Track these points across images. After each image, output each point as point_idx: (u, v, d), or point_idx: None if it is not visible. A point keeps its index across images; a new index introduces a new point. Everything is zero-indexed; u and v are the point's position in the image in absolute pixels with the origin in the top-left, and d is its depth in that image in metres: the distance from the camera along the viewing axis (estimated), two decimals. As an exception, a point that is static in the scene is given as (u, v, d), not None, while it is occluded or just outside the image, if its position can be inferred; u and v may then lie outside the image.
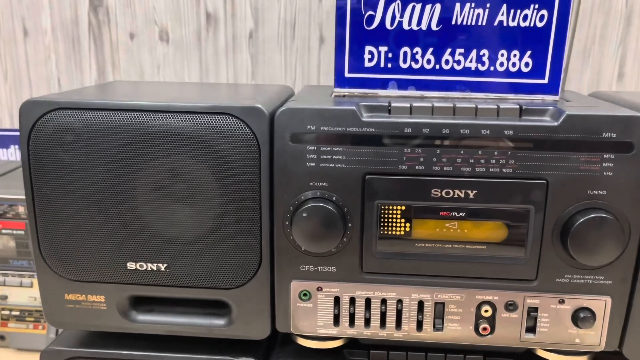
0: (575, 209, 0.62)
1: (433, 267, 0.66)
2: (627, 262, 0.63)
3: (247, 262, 0.67)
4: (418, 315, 0.67)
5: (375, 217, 0.64)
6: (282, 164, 0.64)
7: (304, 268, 0.67)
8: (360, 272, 0.67)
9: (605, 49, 1.03)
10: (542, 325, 0.66)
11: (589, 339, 0.66)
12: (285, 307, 0.69)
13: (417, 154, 0.62)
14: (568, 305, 0.65)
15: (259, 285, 0.68)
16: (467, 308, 0.67)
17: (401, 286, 0.67)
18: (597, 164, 0.61)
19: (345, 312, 0.68)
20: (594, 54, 1.04)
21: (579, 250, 0.62)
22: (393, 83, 0.72)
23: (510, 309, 0.66)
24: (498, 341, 0.67)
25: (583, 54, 1.03)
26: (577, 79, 1.05)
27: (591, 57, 1.04)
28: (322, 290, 0.68)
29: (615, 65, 1.04)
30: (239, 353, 0.73)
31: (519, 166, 0.62)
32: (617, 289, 0.64)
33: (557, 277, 0.65)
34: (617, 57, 1.04)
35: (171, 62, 1.12)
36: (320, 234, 0.63)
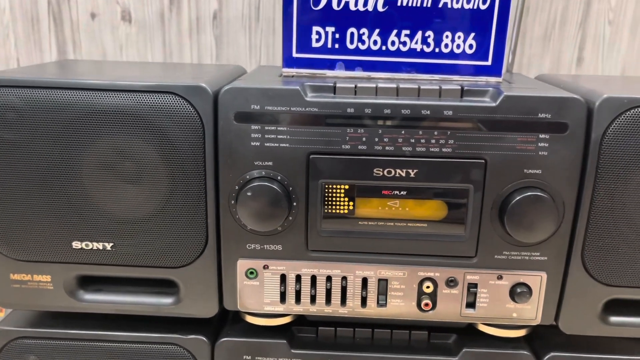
0: (512, 188, 0.64)
1: (376, 245, 0.67)
2: (562, 238, 0.66)
3: (193, 241, 0.68)
4: (362, 292, 0.69)
5: (319, 196, 0.65)
6: (227, 144, 0.64)
7: (250, 247, 0.68)
8: (306, 250, 0.68)
9: (565, 34, 1.05)
10: (482, 300, 0.68)
11: (526, 313, 0.69)
12: (232, 285, 0.69)
13: (359, 134, 0.63)
14: (506, 281, 0.68)
15: (206, 263, 0.69)
16: (409, 284, 0.68)
17: (346, 263, 0.68)
18: (533, 144, 0.62)
19: (292, 290, 0.69)
20: (554, 39, 1.05)
21: (516, 228, 0.64)
22: (340, 64, 0.72)
23: (451, 285, 0.68)
24: (439, 316, 0.69)
25: (544, 39, 1.05)
26: (538, 64, 1.07)
27: (551, 41, 1.05)
28: (269, 268, 0.68)
29: (574, 50, 1.06)
30: (189, 331, 0.74)
31: (459, 146, 0.63)
32: (552, 264, 0.67)
33: (496, 254, 0.67)
34: (577, 42, 1.06)
35: (134, 43, 1.10)
36: (266, 213, 0.64)
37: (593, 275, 0.66)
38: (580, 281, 0.67)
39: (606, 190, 0.63)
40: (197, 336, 0.73)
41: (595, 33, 1.04)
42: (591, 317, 0.69)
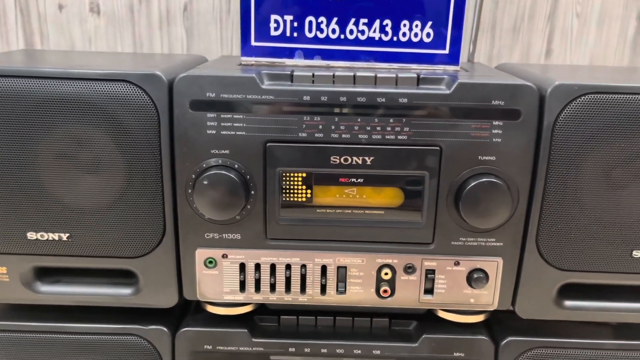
0: (467, 175, 0.64)
1: (335, 233, 0.68)
2: (517, 224, 0.67)
3: (151, 231, 0.67)
4: (321, 280, 0.69)
5: (277, 184, 0.65)
6: (183, 132, 0.64)
7: (209, 236, 0.68)
8: (265, 239, 0.68)
9: (534, 26, 1.06)
10: (439, 286, 0.69)
11: (483, 299, 0.70)
12: (192, 274, 0.69)
13: (316, 122, 0.63)
14: (463, 267, 0.68)
15: (164, 253, 0.68)
16: (368, 271, 0.69)
17: (305, 251, 0.68)
18: (486, 131, 0.63)
19: (251, 278, 0.69)
20: (523, 31, 1.06)
21: (471, 214, 0.64)
22: (299, 52, 0.72)
23: (409, 272, 0.69)
24: (398, 303, 0.70)
25: (513, 31, 1.06)
26: (508, 55, 1.08)
27: (521, 33, 1.06)
28: (228, 257, 0.68)
29: (543, 42, 1.07)
30: (150, 322, 0.73)
31: (414, 133, 0.63)
32: (507, 250, 0.68)
33: (452, 240, 0.67)
34: (546, 34, 1.07)
35: (103, 35, 1.09)
36: (223, 201, 0.64)
37: (547, 260, 0.68)
38: (535, 266, 0.68)
39: (559, 176, 0.64)
40: (157, 326, 0.73)
41: (564, 25, 1.06)
42: (547, 302, 0.70)
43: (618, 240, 0.66)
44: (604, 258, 0.67)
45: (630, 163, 0.64)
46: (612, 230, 0.66)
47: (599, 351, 0.72)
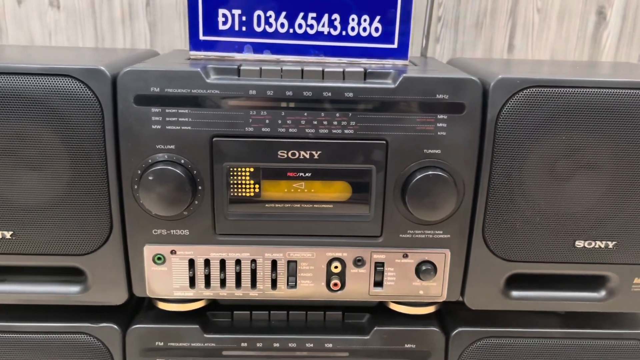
0: (414, 168, 0.65)
1: (284, 227, 0.68)
2: (463, 217, 0.68)
3: (97, 228, 0.66)
4: (272, 274, 0.69)
5: (224, 179, 0.65)
6: (127, 127, 0.63)
7: (157, 232, 0.67)
8: (214, 234, 0.67)
9: (496, 22, 1.07)
10: (389, 279, 0.70)
11: (432, 290, 0.71)
12: (140, 271, 0.69)
13: (262, 116, 0.63)
14: (411, 259, 0.69)
15: (112, 250, 0.67)
16: (318, 265, 0.69)
17: (254, 246, 0.68)
18: (432, 125, 0.64)
19: (201, 274, 0.69)
20: (486, 27, 1.07)
21: (417, 207, 0.65)
22: (249, 47, 0.72)
23: (359, 265, 0.69)
24: (349, 296, 0.70)
25: (476, 27, 1.07)
26: (471, 51, 1.09)
27: (484, 29, 1.08)
28: (176, 253, 0.68)
29: (505, 37, 1.08)
30: (101, 320, 0.72)
31: (360, 127, 0.64)
32: (455, 242, 0.69)
33: (401, 233, 0.68)
34: (508, 30, 1.08)
35: (63, 30, 1.07)
36: (169, 197, 0.63)
37: (494, 251, 0.69)
38: (482, 257, 0.69)
39: (503, 168, 0.65)
40: (107, 324, 0.72)
41: (525, 21, 1.07)
42: (494, 292, 0.71)
43: (561, 231, 0.68)
44: (548, 248, 0.69)
45: (572, 155, 0.65)
46: (555, 221, 0.67)
47: (546, 339, 0.74)
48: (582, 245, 0.68)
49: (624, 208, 0.67)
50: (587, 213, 0.67)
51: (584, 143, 0.64)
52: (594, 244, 0.68)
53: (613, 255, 0.69)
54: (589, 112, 0.63)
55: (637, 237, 0.68)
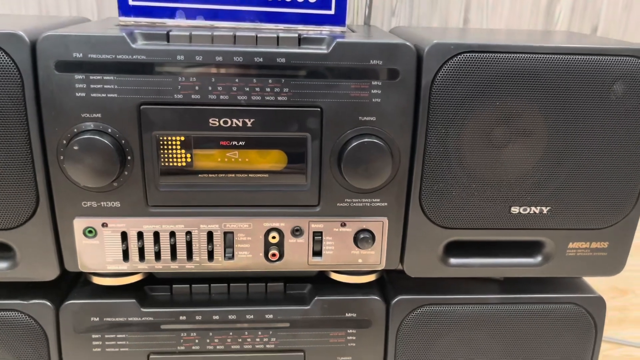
0: (349, 136, 0.64)
1: (219, 198, 0.66)
2: (400, 185, 0.67)
3: (22, 201, 0.64)
4: (208, 246, 0.68)
5: (154, 149, 0.63)
6: (49, 95, 0.60)
7: (86, 204, 0.65)
8: (146, 206, 0.66)
9: None
10: (327, 248, 0.69)
11: (370, 259, 0.70)
12: (71, 245, 0.66)
13: (192, 83, 0.61)
14: (349, 228, 0.69)
15: (40, 224, 0.65)
16: (255, 236, 0.68)
17: (189, 218, 0.67)
18: (366, 91, 0.63)
19: (134, 247, 0.67)
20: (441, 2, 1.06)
21: (352, 175, 0.64)
22: (181, 12, 0.69)
23: (297, 235, 0.69)
24: (288, 266, 0.70)
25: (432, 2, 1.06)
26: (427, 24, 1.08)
27: (439, 2, 1.06)
28: (108, 226, 0.66)
29: (461, 11, 1.08)
30: (34, 296, 0.70)
31: (294, 94, 0.62)
32: (392, 210, 0.68)
33: (338, 202, 0.68)
34: (462, 3, 1.07)
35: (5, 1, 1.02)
36: (97, 168, 0.61)
37: (431, 218, 0.69)
38: (419, 225, 0.69)
39: (438, 135, 0.65)
40: (39, 301, 0.70)
41: (480, -5, 1.07)
42: (433, 260, 0.72)
43: (497, 197, 0.68)
44: (484, 215, 0.69)
45: (507, 122, 0.65)
46: (491, 187, 0.68)
47: (484, 305, 0.75)
48: (518, 211, 0.69)
49: (557, 174, 0.68)
50: (522, 179, 0.68)
51: (519, 109, 0.64)
52: (529, 209, 0.69)
53: (548, 221, 0.70)
54: (522, 78, 0.63)
55: (570, 202, 0.69)
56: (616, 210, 0.70)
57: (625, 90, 0.65)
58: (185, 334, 0.72)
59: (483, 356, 0.77)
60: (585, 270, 0.74)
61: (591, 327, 0.76)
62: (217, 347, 0.73)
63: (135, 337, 0.71)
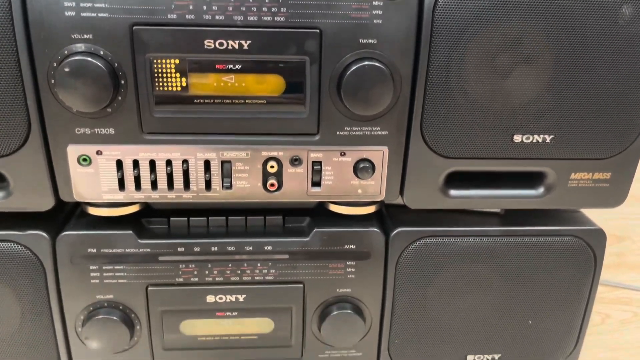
0: (349, 59, 0.62)
1: (215, 125, 0.65)
2: (401, 112, 0.66)
3: (13, 128, 0.62)
4: (205, 175, 0.67)
5: (148, 72, 0.61)
6: (37, 15, 0.58)
7: (80, 131, 0.63)
8: (141, 133, 0.64)
9: None
10: (327, 178, 0.68)
11: (370, 189, 0.69)
12: (65, 174, 0.65)
13: (186, 2, 0.59)
14: (349, 157, 0.67)
15: (33, 151, 0.64)
16: (253, 165, 0.67)
17: (185, 146, 0.65)
18: (366, 11, 0.61)
19: (130, 176, 0.66)
20: None
21: (352, 100, 0.63)
22: None
23: (296, 164, 0.67)
24: (286, 196, 0.69)
25: None
26: None
27: None
28: (102, 154, 0.65)
29: None
30: (29, 227, 0.69)
31: (292, 14, 0.60)
32: (393, 139, 0.67)
33: (338, 130, 0.66)
34: None
35: None
36: (88, 91, 0.59)
37: (432, 147, 0.68)
38: (420, 154, 0.68)
39: (441, 60, 0.63)
40: (35, 232, 0.69)
41: None
42: (433, 191, 0.71)
43: (500, 125, 0.67)
44: (486, 144, 0.68)
45: (512, 48, 0.63)
46: (494, 115, 0.66)
47: (484, 237, 0.74)
48: (520, 139, 0.68)
49: (562, 101, 0.66)
50: (525, 107, 0.66)
51: (524, 35, 0.62)
52: (532, 138, 0.68)
53: (550, 150, 0.69)
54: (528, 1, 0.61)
55: (574, 131, 0.68)
56: (620, 140, 0.69)
57: (633, 14, 0.63)
58: (184, 266, 0.72)
59: (482, 290, 0.77)
60: (587, 201, 0.73)
61: (591, 260, 0.76)
62: (216, 279, 0.73)
63: (133, 268, 0.71)
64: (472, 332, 0.79)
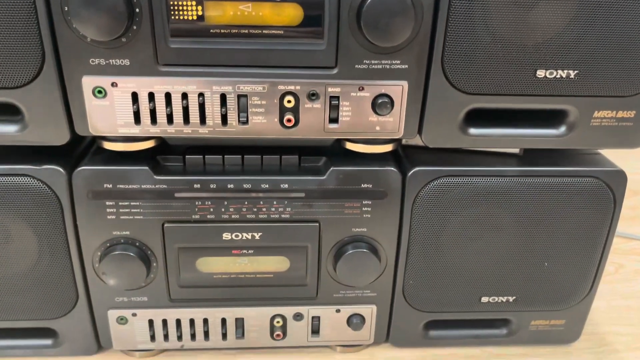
0: (369, -13, 0.60)
1: (232, 57, 0.63)
2: (422, 44, 0.64)
3: (27, 57, 0.61)
4: (222, 109, 0.66)
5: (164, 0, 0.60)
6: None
7: (95, 62, 0.62)
8: (156, 64, 0.63)
9: None
10: (344, 114, 0.67)
11: (388, 126, 0.68)
12: (81, 106, 0.65)
13: None
14: (367, 92, 0.66)
15: (47, 82, 0.63)
16: (270, 99, 0.66)
17: (201, 78, 0.64)
18: (388, -63, 0.58)
19: (145, 109, 0.65)
20: None
21: (372, 31, 0.61)
22: None
23: (313, 99, 0.66)
24: (303, 132, 0.68)
25: None
26: None
27: None
28: (118, 86, 0.64)
29: None
30: (45, 162, 0.69)
31: (311, -61, 0.58)
32: (412, 73, 0.65)
33: (357, 64, 0.65)
34: None
35: None
36: (102, 20, 0.58)
37: (453, 82, 0.66)
38: (440, 90, 0.66)
39: (464, -11, 0.61)
40: (51, 166, 0.69)
41: None
42: (452, 129, 0.69)
43: (523, 60, 0.65)
44: (508, 79, 0.66)
45: (538, -22, 0.61)
46: (517, 50, 0.64)
47: (503, 178, 0.73)
48: (544, 75, 0.66)
49: (587, 35, 0.64)
50: (550, 41, 0.64)
51: (551, -39, 0.60)
52: (556, 73, 0.66)
53: (574, 86, 0.67)
54: None
55: (599, 66, 0.66)
56: (646, 77, 0.67)
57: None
58: (200, 203, 0.71)
59: (499, 232, 0.76)
60: (610, 141, 0.71)
61: (610, 202, 0.75)
62: (232, 217, 0.73)
63: (149, 204, 0.71)
64: (486, 273, 0.79)
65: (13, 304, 0.75)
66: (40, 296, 0.75)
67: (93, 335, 0.79)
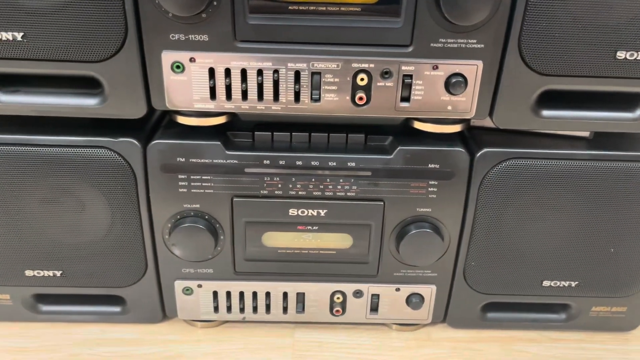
0: (450, -35, 0.60)
1: (308, 34, 0.64)
2: (499, 23, 0.63)
3: (111, 30, 0.62)
4: (295, 86, 0.67)
5: (244, -24, 0.60)
6: None
7: (175, 37, 0.63)
8: (234, 41, 0.64)
9: None
10: (417, 92, 0.67)
11: (460, 106, 0.68)
12: (159, 81, 0.66)
13: None
14: (441, 71, 0.66)
15: (129, 57, 0.64)
16: (343, 77, 0.66)
17: (277, 55, 0.65)
18: None
19: (221, 85, 0.66)
20: None
21: (451, 8, 0.60)
22: None
23: (386, 77, 0.66)
24: (374, 111, 0.68)
25: None
26: None
27: None
28: (196, 61, 0.65)
29: None
30: (121, 135, 0.71)
31: None
32: (488, 53, 0.65)
33: (432, 42, 0.64)
34: None
35: None
36: (185, -7, 0.59)
37: (529, 63, 0.65)
38: (515, 70, 0.66)
39: (547, -33, 0.60)
40: (127, 139, 0.71)
41: None
42: (525, 110, 0.69)
43: (602, 41, 0.64)
44: (586, 61, 0.65)
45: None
46: (596, 30, 0.63)
47: (572, 161, 0.72)
48: (624, 56, 0.64)
49: (673, 15, 0.62)
50: (632, 21, 0.63)
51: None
52: (637, 54, 0.64)
53: (655, 69, 0.65)
54: None
55: (683, 48, 0.64)
56: None
57: None
58: (269, 178, 0.73)
59: (565, 216, 0.75)
60: (687, 125, 0.70)
61: (682, 189, 0.74)
62: (299, 193, 0.74)
63: (219, 179, 0.72)
64: (550, 257, 0.79)
65: (86, 272, 0.78)
66: (111, 265, 0.78)
67: (159, 304, 0.82)
